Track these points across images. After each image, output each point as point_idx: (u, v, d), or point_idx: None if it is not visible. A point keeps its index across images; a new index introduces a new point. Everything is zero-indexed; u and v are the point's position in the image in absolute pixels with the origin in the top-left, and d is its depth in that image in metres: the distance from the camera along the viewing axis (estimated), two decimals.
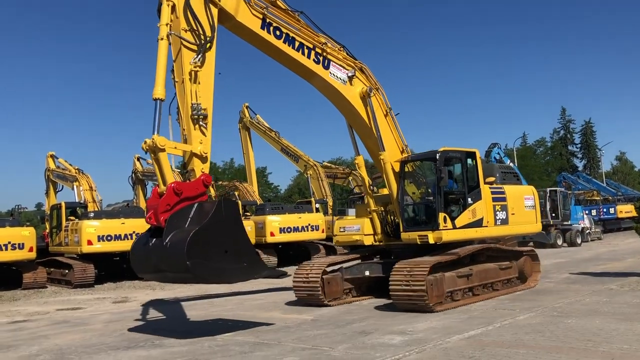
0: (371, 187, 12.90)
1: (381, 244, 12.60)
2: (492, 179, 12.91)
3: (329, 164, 33.45)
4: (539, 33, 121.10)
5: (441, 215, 11.28)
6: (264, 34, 10.60)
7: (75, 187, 22.24)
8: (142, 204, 26.01)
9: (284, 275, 9.96)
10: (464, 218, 11.68)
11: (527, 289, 12.92)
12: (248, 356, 7.61)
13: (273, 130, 30.44)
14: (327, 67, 11.66)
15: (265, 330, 9.49)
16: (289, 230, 23.41)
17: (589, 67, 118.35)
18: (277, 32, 10.84)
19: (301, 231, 23.77)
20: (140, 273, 9.10)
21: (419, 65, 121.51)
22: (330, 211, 26.94)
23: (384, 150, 12.04)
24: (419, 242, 11.42)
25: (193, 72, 9.04)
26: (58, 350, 8.72)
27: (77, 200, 22.07)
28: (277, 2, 10.94)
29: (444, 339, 8.03)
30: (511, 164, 29.62)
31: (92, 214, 19.85)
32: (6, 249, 18.42)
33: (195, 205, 8.50)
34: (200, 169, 8.96)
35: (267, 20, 10.64)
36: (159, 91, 8.57)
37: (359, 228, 12.55)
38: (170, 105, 9.23)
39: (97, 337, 9.76)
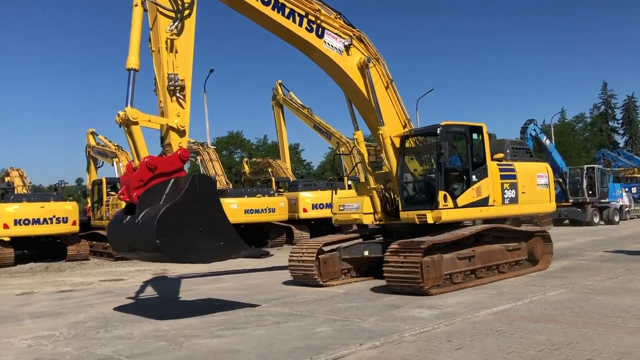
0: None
1: (381, 223, 12.14)
2: (500, 155, 12.31)
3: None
4: (579, 7, 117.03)
5: (441, 193, 10.76)
6: (251, 0, 10.06)
7: (114, 163, 22.95)
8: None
9: (266, 255, 9.39)
10: (467, 196, 11.18)
11: (537, 272, 12.20)
12: (282, 326, 7.94)
13: (306, 107, 30.56)
14: (321, 36, 11.03)
15: (298, 302, 9.82)
16: (321, 206, 23.75)
17: (632, 41, 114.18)
18: None
19: None
20: (116, 251, 8.73)
21: (452, 38, 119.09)
22: None
23: (384, 124, 11.54)
24: (417, 222, 10.96)
25: (169, 41, 8.61)
26: (103, 318, 9.23)
27: (117, 176, 22.78)
28: None
29: (473, 313, 8.20)
30: (547, 141, 29.17)
31: None
32: (51, 223, 19.30)
33: (171, 181, 8.19)
34: (177, 143, 8.61)
35: None
36: (133, 60, 8.29)
37: (358, 206, 12.11)
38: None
39: (139, 306, 10.26)
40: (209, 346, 6.95)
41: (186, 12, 8.84)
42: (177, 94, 8.66)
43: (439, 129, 10.95)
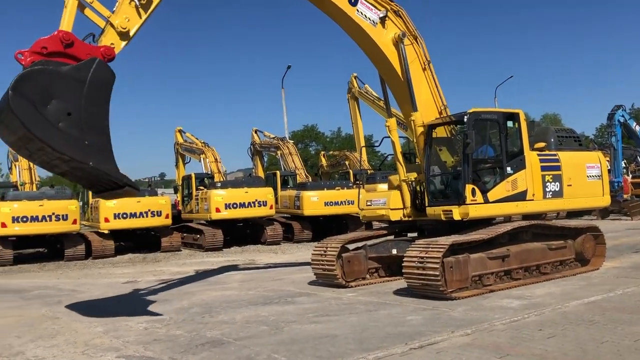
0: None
1: (410, 219, 11.35)
2: (542, 144, 11.34)
3: None
4: None
5: (468, 187, 9.91)
6: None
7: (202, 159, 24.18)
8: (261, 174, 27.69)
9: (134, 188, 8.22)
10: (500, 190, 10.30)
11: (587, 273, 11.08)
12: (373, 314, 8.34)
13: (381, 99, 30.66)
14: (354, 4, 10.59)
15: (387, 292, 10.17)
16: None
17: None
18: None
19: None
20: None
21: (531, 28, 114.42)
22: None
23: (417, 110, 10.87)
24: (443, 218, 10.23)
25: None
26: (205, 305, 9.98)
27: (204, 172, 24.02)
28: None
29: (563, 303, 8.26)
30: (637, 127, 27.75)
31: (219, 184, 21.60)
32: (146, 216, 20.65)
33: (72, 65, 7.55)
34: (110, 41, 8.21)
35: None
36: None
37: (385, 202, 11.35)
38: None
39: (235, 294, 10.99)
40: (307, 331, 7.46)
41: None
42: (138, 1, 8.47)
43: (466, 117, 10.15)
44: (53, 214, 18.83)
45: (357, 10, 10.68)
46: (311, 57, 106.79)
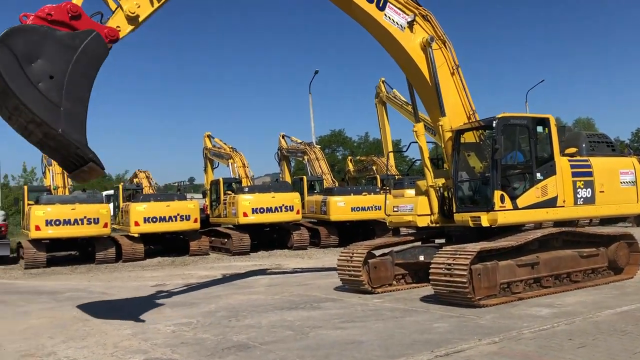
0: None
1: (437, 225, 11.23)
2: (573, 149, 11.20)
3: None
4: None
5: (497, 193, 9.81)
6: None
7: (230, 164, 24.38)
8: (288, 179, 27.81)
9: (99, 166, 7.71)
10: (530, 197, 10.16)
11: (620, 282, 10.84)
12: (400, 320, 8.29)
13: (409, 104, 30.51)
14: (382, 8, 10.60)
15: (413, 299, 10.10)
16: None
17: None
18: None
19: None
20: None
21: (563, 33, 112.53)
22: None
23: (445, 114, 10.83)
24: (471, 225, 10.15)
25: None
26: (232, 308, 10.06)
27: (232, 176, 24.23)
28: None
29: (594, 312, 8.09)
30: None
31: (246, 189, 21.77)
32: (176, 220, 20.93)
33: (69, 32, 7.56)
34: (116, 23, 8.29)
35: None
36: None
37: (412, 208, 11.25)
38: None
39: (262, 299, 11.05)
40: (332, 337, 7.46)
41: None
42: None
43: (494, 122, 10.04)
44: (85, 217, 19.24)
45: (385, 15, 10.70)
46: (339, 62, 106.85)
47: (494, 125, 10.03)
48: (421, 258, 10.94)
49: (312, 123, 37.27)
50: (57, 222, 18.91)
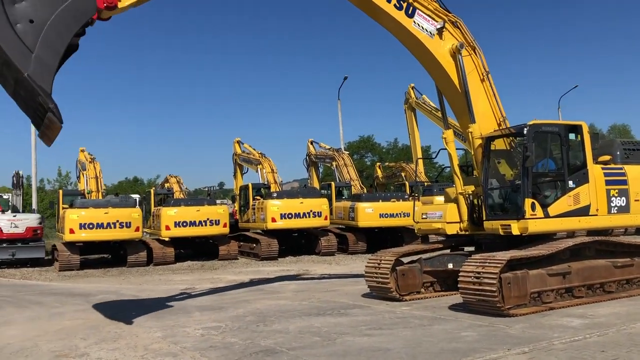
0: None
1: (466, 233, 11.18)
2: (607, 157, 11.01)
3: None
4: None
5: (528, 201, 9.71)
6: None
7: (259, 169, 24.64)
8: (316, 185, 27.91)
9: (57, 118, 7.31)
10: (562, 205, 10.04)
11: None
12: (427, 329, 8.24)
13: (439, 110, 30.33)
14: (411, 15, 10.59)
15: (442, 307, 10.02)
16: None
17: None
18: None
19: None
20: None
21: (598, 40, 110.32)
22: None
23: (475, 122, 10.75)
24: (501, 233, 10.07)
25: None
26: (260, 313, 10.13)
27: (261, 182, 24.46)
28: None
29: (629, 324, 7.90)
30: None
31: (275, 194, 21.92)
32: (205, 225, 21.21)
33: None
34: None
35: None
36: None
37: (442, 215, 11.21)
38: None
39: (289, 304, 11.10)
40: (359, 343, 7.45)
41: None
42: None
43: (525, 129, 9.94)
44: (117, 221, 19.66)
45: (414, 22, 10.68)
46: (368, 68, 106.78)
47: (525, 132, 9.94)
48: (450, 266, 10.90)
49: (340, 129, 37.38)
50: (91, 226, 19.37)
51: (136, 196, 27.60)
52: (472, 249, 11.70)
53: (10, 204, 23.22)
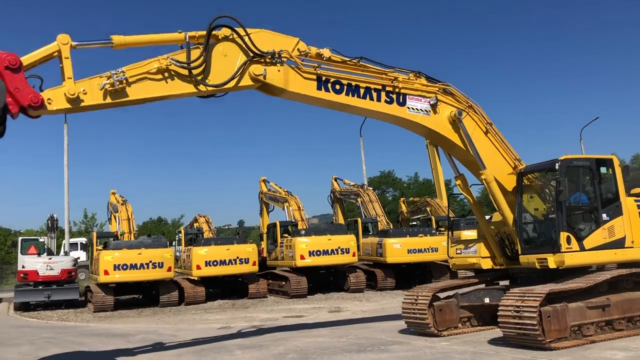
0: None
1: (502, 267, 11.39)
2: (639, 189, 11.22)
3: None
4: None
5: (563, 235, 9.82)
6: (322, 94, 10.19)
7: (285, 207, 24.93)
8: (341, 221, 28.10)
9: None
10: (597, 238, 10.17)
11: None
12: None
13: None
14: (402, 104, 10.75)
15: (481, 341, 10.09)
16: None
17: None
18: (337, 87, 10.31)
19: None
20: None
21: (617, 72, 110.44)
22: None
23: (485, 168, 10.91)
24: (538, 267, 10.18)
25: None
26: (301, 351, 10.29)
27: (287, 219, 24.72)
28: (332, 57, 10.35)
29: None
30: None
31: (303, 232, 22.16)
32: (235, 263, 21.45)
33: None
34: (48, 97, 7.99)
35: (323, 78, 10.19)
36: None
37: (476, 250, 11.40)
38: None
39: (327, 341, 11.23)
40: None
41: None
42: (111, 85, 8.51)
43: (557, 164, 10.13)
44: (150, 261, 20.00)
45: (408, 108, 10.80)
46: None
47: (557, 167, 10.14)
48: (486, 300, 11.00)
49: (363, 166, 37.70)
50: (125, 267, 19.72)
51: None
52: (507, 283, 11.79)
53: (45, 247, 23.76)
